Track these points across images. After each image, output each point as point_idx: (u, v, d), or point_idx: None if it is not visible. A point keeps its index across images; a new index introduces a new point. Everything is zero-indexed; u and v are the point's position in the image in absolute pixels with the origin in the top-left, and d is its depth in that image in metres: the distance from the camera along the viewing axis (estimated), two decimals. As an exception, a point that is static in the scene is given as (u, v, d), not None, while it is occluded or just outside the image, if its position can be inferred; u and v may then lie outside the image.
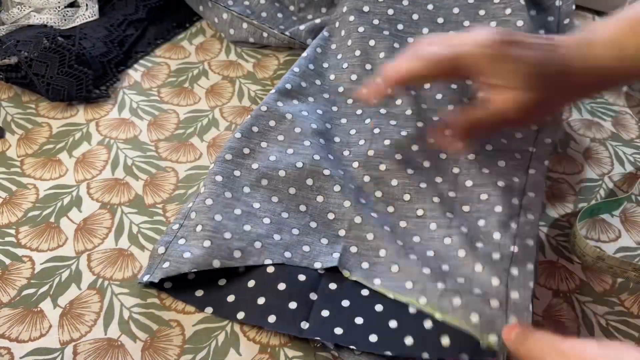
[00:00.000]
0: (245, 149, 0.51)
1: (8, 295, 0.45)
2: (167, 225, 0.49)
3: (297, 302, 0.43)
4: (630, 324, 0.45)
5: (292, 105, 0.55)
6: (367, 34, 0.59)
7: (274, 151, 0.51)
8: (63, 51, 0.58)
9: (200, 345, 0.42)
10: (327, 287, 0.44)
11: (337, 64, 0.59)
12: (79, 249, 0.48)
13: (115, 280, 0.46)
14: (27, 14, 0.65)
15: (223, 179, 0.48)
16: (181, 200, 0.52)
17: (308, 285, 0.44)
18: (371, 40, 0.58)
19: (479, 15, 0.60)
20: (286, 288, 0.43)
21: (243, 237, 0.45)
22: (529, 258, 0.43)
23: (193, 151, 0.56)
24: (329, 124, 0.55)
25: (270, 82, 0.63)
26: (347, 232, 0.47)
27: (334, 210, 0.49)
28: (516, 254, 0.43)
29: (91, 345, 0.42)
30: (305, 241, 0.47)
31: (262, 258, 0.45)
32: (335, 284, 0.44)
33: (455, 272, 0.43)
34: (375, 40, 0.58)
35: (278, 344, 0.43)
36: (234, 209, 0.47)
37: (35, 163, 0.54)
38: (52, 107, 0.59)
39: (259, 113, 0.53)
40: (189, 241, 0.45)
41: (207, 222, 0.46)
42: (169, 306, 0.44)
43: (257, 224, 0.47)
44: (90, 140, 0.56)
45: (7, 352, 0.42)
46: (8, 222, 0.50)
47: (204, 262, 0.44)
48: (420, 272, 0.43)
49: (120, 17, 0.67)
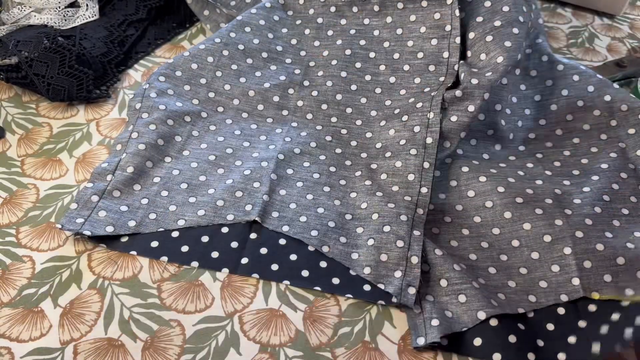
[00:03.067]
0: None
1: (8, 295, 0.45)
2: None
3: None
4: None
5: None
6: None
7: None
8: (63, 51, 0.58)
9: (200, 345, 0.42)
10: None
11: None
12: (79, 248, 0.48)
13: (115, 280, 0.46)
14: (27, 14, 0.65)
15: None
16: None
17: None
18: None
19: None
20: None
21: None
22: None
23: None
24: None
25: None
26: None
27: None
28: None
29: (91, 344, 0.42)
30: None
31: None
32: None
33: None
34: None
35: (278, 344, 0.43)
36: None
37: (35, 163, 0.54)
38: (52, 107, 0.59)
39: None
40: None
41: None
42: (169, 306, 0.44)
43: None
44: (90, 140, 0.56)
45: (8, 351, 0.42)
46: (8, 222, 0.50)
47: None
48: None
49: (120, 18, 0.67)
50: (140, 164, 0.52)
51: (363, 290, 0.45)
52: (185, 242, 0.48)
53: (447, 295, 0.45)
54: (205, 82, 0.59)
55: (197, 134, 0.56)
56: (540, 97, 0.58)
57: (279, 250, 0.47)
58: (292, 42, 0.62)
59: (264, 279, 0.46)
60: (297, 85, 0.59)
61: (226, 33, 0.61)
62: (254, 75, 0.60)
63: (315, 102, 0.58)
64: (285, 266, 0.47)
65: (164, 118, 0.55)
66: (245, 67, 0.60)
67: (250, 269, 0.46)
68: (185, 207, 0.50)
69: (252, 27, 0.62)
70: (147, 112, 0.55)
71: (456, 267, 0.46)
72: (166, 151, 0.54)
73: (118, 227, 0.48)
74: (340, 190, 0.52)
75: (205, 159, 0.54)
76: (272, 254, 0.47)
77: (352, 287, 0.46)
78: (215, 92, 0.59)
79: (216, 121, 0.57)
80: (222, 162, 0.54)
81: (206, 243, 0.48)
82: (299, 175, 0.52)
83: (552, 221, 0.47)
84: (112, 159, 0.52)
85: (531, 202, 0.49)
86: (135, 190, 0.51)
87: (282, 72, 0.60)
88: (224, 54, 0.60)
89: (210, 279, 0.46)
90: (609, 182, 0.50)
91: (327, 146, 0.55)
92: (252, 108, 0.58)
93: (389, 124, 0.55)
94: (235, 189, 0.51)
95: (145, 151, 0.52)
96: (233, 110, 0.58)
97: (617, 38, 0.71)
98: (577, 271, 0.45)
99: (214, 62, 0.60)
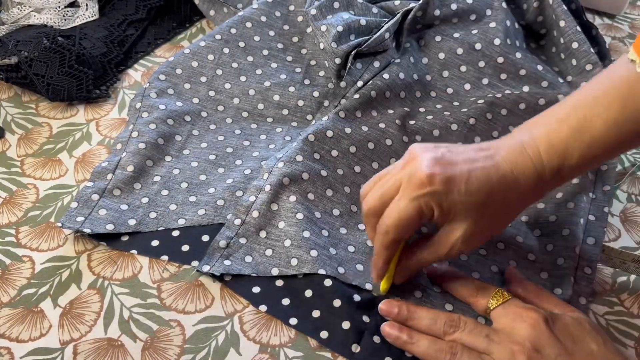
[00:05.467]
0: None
1: (8, 295, 0.45)
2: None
3: (350, 323, 0.43)
4: (629, 324, 0.45)
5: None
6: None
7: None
8: (63, 51, 0.58)
9: (200, 345, 0.42)
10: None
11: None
12: (79, 248, 0.48)
13: (115, 280, 0.46)
14: (27, 14, 0.65)
15: (290, 181, 0.49)
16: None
17: (362, 306, 0.44)
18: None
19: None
20: (341, 305, 0.43)
21: (301, 245, 0.46)
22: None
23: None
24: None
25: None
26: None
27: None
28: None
29: (91, 345, 0.42)
30: (360, 260, 0.47)
31: (316, 267, 0.45)
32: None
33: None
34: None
35: (278, 344, 0.43)
36: (295, 214, 0.48)
37: (35, 163, 0.54)
38: (52, 107, 0.59)
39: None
40: (251, 243, 0.47)
41: (271, 229, 0.47)
42: (169, 306, 0.44)
43: (315, 233, 0.47)
44: (90, 140, 0.56)
45: (7, 352, 0.42)
46: (8, 222, 0.50)
47: (264, 269, 0.46)
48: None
49: (120, 17, 0.67)
50: (141, 163, 0.52)
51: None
52: (186, 241, 0.48)
53: (258, 244, 0.47)
54: (206, 80, 0.59)
55: (197, 133, 0.56)
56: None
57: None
58: (293, 39, 0.62)
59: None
60: (298, 83, 0.59)
61: (227, 29, 0.61)
62: (254, 73, 0.60)
63: (315, 102, 0.58)
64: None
65: (164, 117, 0.55)
66: (246, 64, 0.60)
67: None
68: (185, 206, 0.50)
69: (253, 23, 0.62)
70: (147, 112, 0.55)
71: (281, 225, 0.47)
72: (166, 150, 0.54)
73: (118, 226, 0.48)
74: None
75: (206, 158, 0.54)
76: None
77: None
78: (216, 90, 0.59)
79: (216, 120, 0.57)
80: (222, 162, 0.54)
81: (207, 242, 0.47)
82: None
83: None
84: (112, 158, 0.52)
85: None
86: (136, 189, 0.51)
87: (282, 70, 0.60)
88: (225, 52, 0.60)
89: (210, 279, 0.46)
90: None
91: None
92: (253, 107, 0.58)
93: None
94: (235, 188, 0.51)
95: (146, 150, 0.52)
96: (233, 110, 0.58)
97: (617, 38, 0.71)
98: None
99: (215, 59, 0.60)
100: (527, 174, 0.39)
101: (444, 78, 0.58)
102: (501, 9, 0.59)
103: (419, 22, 0.60)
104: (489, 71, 0.57)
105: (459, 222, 0.39)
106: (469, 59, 0.58)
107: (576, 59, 0.58)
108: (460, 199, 0.38)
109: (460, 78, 0.58)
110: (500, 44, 0.57)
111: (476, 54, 0.58)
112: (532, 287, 0.44)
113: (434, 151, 0.39)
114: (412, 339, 0.41)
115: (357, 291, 0.45)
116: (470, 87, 0.57)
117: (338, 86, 0.58)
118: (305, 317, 0.43)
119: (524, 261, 0.48)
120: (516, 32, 0.60)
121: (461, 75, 0.58)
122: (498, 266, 0.47)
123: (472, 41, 0.58)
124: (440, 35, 0.59)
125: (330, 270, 0.45)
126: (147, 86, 0.57)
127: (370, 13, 0.61)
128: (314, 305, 0.44)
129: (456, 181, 0.38)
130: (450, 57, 0.58)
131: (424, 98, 0.57)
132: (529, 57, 0.58)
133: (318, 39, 0.57)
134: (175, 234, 0.48)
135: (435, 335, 0.41)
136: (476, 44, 0.58)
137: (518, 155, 0.39)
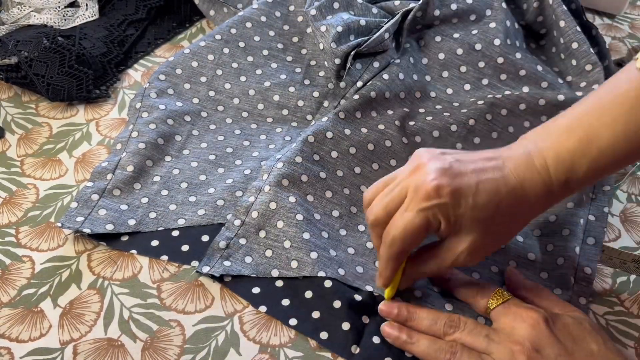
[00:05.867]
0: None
1: (8, 295, 0.45)
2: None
3: (350, 324, 0.43)
4: (629, 324, 0.45)
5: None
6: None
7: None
8: (63, 51, 0.58)
9: (200, 345, 0.42)
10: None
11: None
12: (79, 248, 0.48)
13: (115, 280, 0.46)
14: (27, 14, 0.65)
15: (289, 182, 0.49)
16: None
17: (362, 307, 0.44)
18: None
19: None
20: (341, 306, 0.43)
21: (301, 246, 0.46)
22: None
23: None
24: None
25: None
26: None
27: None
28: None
29: (91, 345, 0.42)
30: (359, 262, 0.47)
31: (316, 269, 0.45)
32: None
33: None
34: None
35: (278, 344, 0.43)
36: (295, 215, 0.48)
37: (35, 163, 0.54)
38: (52, 107, 0.59)
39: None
40: (250, 244, 0.47)
41: (270, 228, 0.47)
42: (169, 306, 0.44)
43: (315, 235, 0.47)
44: (90, 140, 0.56)
45: (7, 352, 0.42)
46: (8, 222, 0.50)
47: (263, 270, 0.46)
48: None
49: (120, 17, 0.67)
50: (141, 163, 0.52)
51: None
52: (186, 241, 0.48)
53: (257, 245, 0.47)
54: (206, 80, 0.59)
55: (197, 134, 0.56)
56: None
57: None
58: (293, 39, 0.62)
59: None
60: (298, 84, 0.59)
61: (227, 29, 0.61)
62: (254, 73, 0.60)
63: (315, 102, 0.58)
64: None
65: (164, 117, 0.55)
66: (246, 64, 0.60)
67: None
68: (185, 206, 0.50)
69: (253, 23, 0.62)
70: (147, 112, 0.55)
71: (280, 224, 0.47)
72: (166, 150, 0.54)
73: (118, 226, 0.48)
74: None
75: (206, 159, 0.54)
76: None
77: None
78: (216, 90, 0.59)
79: (216, 120, 0.57)
80: (222, 162, 0.54)
81: (206, 242, 0.47)
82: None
83: None
84: (112, 158, 0.52)
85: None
86: (136, 189, 0.51)
87: (282, 70, 0.60)
88: (225, 52, 0.60)
89: (210, 279, 0.46)
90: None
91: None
92: (252, 107, 0.58)
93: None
94: (235, 188, 0.51)
95: (146, 150, 0.52)
96: (233, 110, 0.58)
97: (617, 38, 0.71)
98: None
99: (215, 59, 0.60)
100: (536, 188, 0.39)
101: (444, 78, 0.58)
102: (501, 9, 0.59)
103: (419, 23, 0.60)
104: (488, 71, 0.57)
105: (465, 234, 0.39)
106: (469, 60, 0.58)
107: (576, 59, 0.58)
108: (468, 212, 0.38)
109: (460, 78, 0.58)
110: (500, 44, 0.57)
111: (476, 55, 0.58)
112: (532, 286, 0.44)
113: (441, 160, 0.39)
114: (411, 338, 0.41)
115: (357, 292, 0.45)
116: (470, 88, 0.57)
117: (338, 86, 0.58)
118: (305, 317, 0.43)
119: (524, 261, 0.48)
120: (516, 33, 0.60)
121: (461, 75, 0.58)
122: (498, 266, 0.47)
123: (472, 41, 0.58)
124: (440, 36, 0.59)
125: (331, 272, 0.45)
126: (147, 86, 0.57)
127: (370, 13, 0.61)
128: (314, 306, 0.44)
129: (464, 193, 0.37)
130: (450, 58, 0.58)
131: (424, 98, 0.57)
132: (528, 58, 0.58)
133: (318, 39, 0.57)
134: (175, 234, 0.48)
135: (436, 335, 0.41)
136: (476, 45, 0.58)
137: (526, 168, 0.39)
